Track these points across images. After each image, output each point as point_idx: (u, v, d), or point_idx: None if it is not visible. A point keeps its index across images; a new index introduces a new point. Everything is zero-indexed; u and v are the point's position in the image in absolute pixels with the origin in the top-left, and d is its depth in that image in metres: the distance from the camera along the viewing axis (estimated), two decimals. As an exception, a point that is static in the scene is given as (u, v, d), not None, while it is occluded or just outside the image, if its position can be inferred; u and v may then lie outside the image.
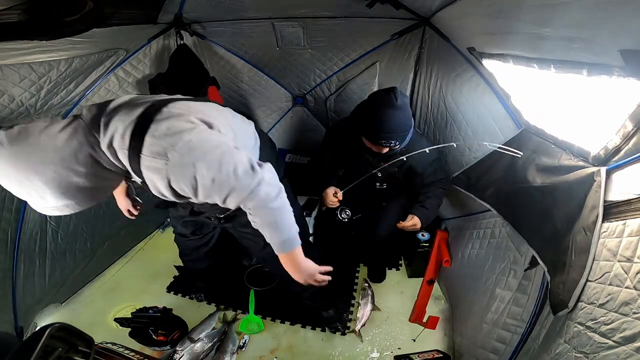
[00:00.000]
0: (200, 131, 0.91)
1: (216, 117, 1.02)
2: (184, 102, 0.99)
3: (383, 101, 1.43)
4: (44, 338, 0.70)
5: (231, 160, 0.91)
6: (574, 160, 1.01)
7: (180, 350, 1.69)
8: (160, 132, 0.86)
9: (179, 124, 0.89)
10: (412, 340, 1.80)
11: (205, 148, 0.89)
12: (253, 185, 0.93)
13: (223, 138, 0.97)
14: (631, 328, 0.67)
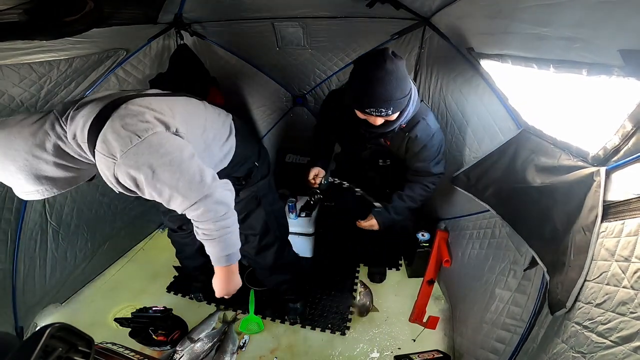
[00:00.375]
0: (154, 133, 0.91)
1: (177, 115, 1.02)
2: (146, 99, 1.00)
3: (370, 63, 1.24)
4: (44, 338, 0.70)
5: (178, 169, 0.92)
6: (573, 160, 1.01)
7: (180, 350, 1.69)
8: (113, 131, 0.88)
9: (133, 124, 0.90)
10: (412, 340, 1.80)
11: (153, 152, 0.89)
12: (197, 198, 0.94)
13: (176, 142, 0.96)
14: (628, 328, 0.67)
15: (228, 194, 1.03)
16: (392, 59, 1.20)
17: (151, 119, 0.93)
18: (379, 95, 1.23)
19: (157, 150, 0.90)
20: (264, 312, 1.98)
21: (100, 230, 2.17)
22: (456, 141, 1.80)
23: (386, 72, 1.20)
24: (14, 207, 1.64)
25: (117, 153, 0.87)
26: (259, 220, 1.52)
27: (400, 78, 1.23)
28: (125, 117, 0.91)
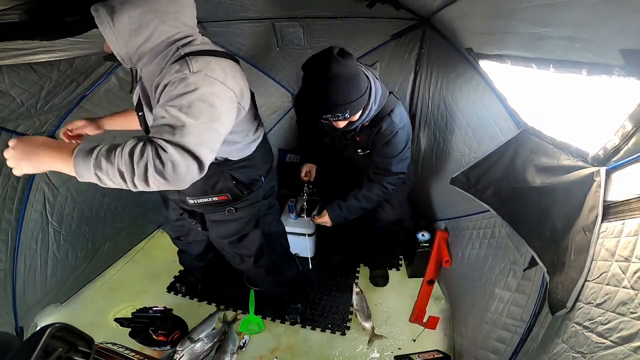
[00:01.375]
0: (225, 87, 0.95)
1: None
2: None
3: (316, 68, 1.15)
4: (44, 338, 0.70)
5: (211, 113, 0.88)
6: (573, 160, 1.01)
7: (181, 350, 1.69)
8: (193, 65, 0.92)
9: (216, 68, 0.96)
10: (412, 340, 1.80)
11: (205, 92, 0.89)
12: (173, 139, 0.81)
13: (233, 112, 0.99)
14: (628, 328, 0.67)
15: (188, 165, 0.83)
16: (338, 60, 1.10)
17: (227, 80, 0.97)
18: (332, 101, 1.16)
19: (207, 91, 0.90)
20: (264, 312, 1.98)
21: (101, 231, 2.17)
22: (456, 141, 1.80)
23: (334, 76, 1.11)
24: (14, 207, 1.64)
25: (196, 68, 0.91)
26: (255, 242, 1.50)
27: (351, 78, 1.14)
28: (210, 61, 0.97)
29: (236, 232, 1.43)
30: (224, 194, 1.28)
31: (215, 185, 1.26)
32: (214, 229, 1.44)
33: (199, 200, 1.30)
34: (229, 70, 1.02)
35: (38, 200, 1.75)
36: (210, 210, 1.38)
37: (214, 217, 1.40)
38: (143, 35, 0.96)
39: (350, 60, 1.14)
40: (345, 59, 1.12)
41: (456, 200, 1.96)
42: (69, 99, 1.74)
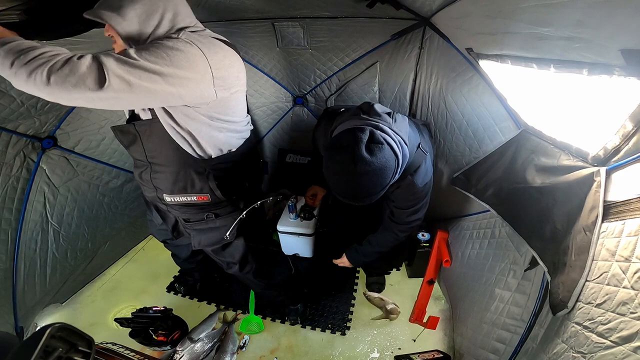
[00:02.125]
0: (195, 47, 0.99)
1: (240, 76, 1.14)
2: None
3: (340, 161, 1.02)
4: (44, 338, 0.70)
5: (169, 57, 0.92)
6: (573, 160, 1.01)
7: (181, 350, 1.69)
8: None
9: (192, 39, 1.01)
10: (412, 341, 1.80)
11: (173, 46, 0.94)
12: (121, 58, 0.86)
13: (200, 65, 0.99)
14: (628, 328, 0.67)
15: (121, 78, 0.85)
16: (365, 159, 0.98)
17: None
18: (354, 196, 1.08)
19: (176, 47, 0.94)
20: (264, 312, 1.98)
21: (101, 231, 2.17)
22: (456, 141, 1.80)
23: (359, 176, 1.00)
24: (14, 207, 1.64)
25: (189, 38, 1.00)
26: (239, 250, 1.51)
27: (378, 174, 1.01)
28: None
29: (218, 241, 1.41)
30: (204, 194, 1.22)
31: (194, 183, 1.20)
32: (196, 238, 1.41)
33: (177, 198, 1.24)
34: (223, 55, 1.04)
35: (38, 200, 1.74)
36: (189, 215, 1.33)
37: (196, 226, 1.36)
38: (152, 23, 1.00)
39: (378, 154, 1.00)
40: (373, 156, 0.99)
41: (456, 200, 1.96)
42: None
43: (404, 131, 1.16)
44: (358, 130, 1.03)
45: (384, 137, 1.04)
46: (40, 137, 1.70)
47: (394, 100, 2.35)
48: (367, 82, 2.31)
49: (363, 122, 1.09)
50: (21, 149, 1.62)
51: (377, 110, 1.17)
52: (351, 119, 1.15)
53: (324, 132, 1.40)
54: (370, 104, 1.23)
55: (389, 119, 1.14)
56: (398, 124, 1.16)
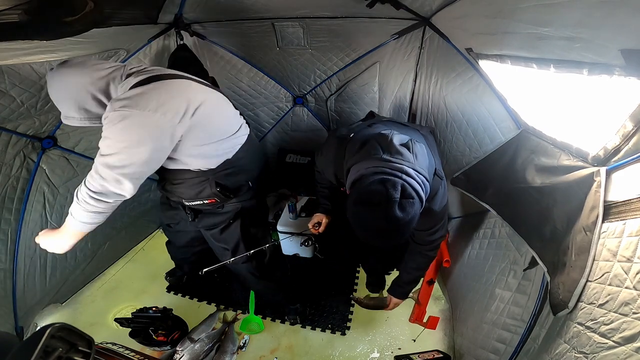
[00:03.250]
0: (147, 113, 1.06)
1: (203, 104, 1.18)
2: (185, 81, 1.25)
3: (371, 218, 1.01)
4: (44, 338, 0.70)
5: (130, 144, 1.06)
6: (573, 160, 1.01)
7: (181, 350, 1.69)
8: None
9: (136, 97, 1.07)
10: (412, 340, 1.80)
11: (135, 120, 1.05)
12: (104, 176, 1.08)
13: (156, 131, 1.08)
14: (631, 328, 0.67)
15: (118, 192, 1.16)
16: (397, 219, 0.96)
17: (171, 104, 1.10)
18: (382, 244, 1.10)
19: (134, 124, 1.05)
20: (264, 312, 1.98)
21: (101, 231, 2.15)
22: (456, 141, 1.80)
23: (390, 230, 1.00)
24: (14, 207, 1.64)
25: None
26: (234, 236, 1.56)
27: (408, 225, 1.01)
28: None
29: (219, 223, 1.54)
30: (211, 198, 1.39)
31: (201, 192, 1.37)
32: (201, 220, 1.56)
33: (192, 203, 1.44)
34: (156, 98, 1.12)
35: (38, 200, 1.74)
36: (205, 210, 1.53)
37: (204, 209, 1.53)
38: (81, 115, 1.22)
39: (410, 210, 0.99)
40: (405, 213, 0.98)
41: (456, 200, 1.96)
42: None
43: (425, 165, 1.13)
44: (389, 184, 0.98)
45: (414, 187, 1.01)
46: (40, 137, 1.70)
47: (394, 100, 2.35)
48: (367, 82, 2.31)
49: (387, 167, 1.03)
50: (21, 149, 1.62)
51: (398, 148, 1.09)
52: (371, 159, 1.08)
53: (334, 160, 1.37)
54: (387, 137, 1.14)
55: (411, 157, 1.08)
56: (420, 160, 1.11)
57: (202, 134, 1.20)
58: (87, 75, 1.13)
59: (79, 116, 1.17)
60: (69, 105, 1.15)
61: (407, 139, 1.16)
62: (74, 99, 1.14)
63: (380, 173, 1.02)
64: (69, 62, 1.15)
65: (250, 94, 2.64)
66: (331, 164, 1.40)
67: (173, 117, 1.09)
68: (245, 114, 2.75)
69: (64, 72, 1.14)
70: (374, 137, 1.17)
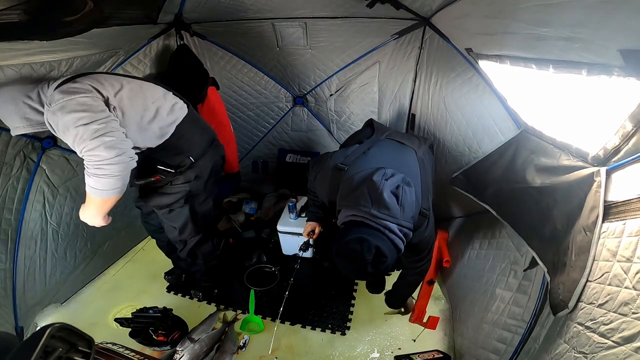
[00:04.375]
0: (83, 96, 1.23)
1: (122, 90, 1.35)
2: (102, 75, 1.39)
3: (349, 268, 1.18)
4: (44, 338, 0.70)
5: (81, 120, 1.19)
6: (573, 160, 1.01)
7: (181, 350, 1.69)
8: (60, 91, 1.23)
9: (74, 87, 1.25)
10: (412, 341, 1.80)
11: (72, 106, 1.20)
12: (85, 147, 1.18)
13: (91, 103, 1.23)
14: (630, 328, 0.67)
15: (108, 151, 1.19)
16: (370, 273, 1.13)
17: (88, 87, 1.26)
18: (362, 279, 1.32)
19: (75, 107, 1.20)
20: (264, 312, 1.98)
21: (100, 231, 2.15)
22: (456, 141, 1.80)
23: (366, 275, 1.22)
24: (14, 207, 1.64)
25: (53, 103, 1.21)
26: (182, 217, 1.70)
27: (382, 272, 1.25)
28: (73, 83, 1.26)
29: (167, 205, 1.65)
30: (156, 175, 1.53)
31: (144, 170, 1.48)
32: (151, 200, 1.65)
33: (141, 181, 1.56)
34: (74, 94, 1.26)
35: (38, 200, 1.74)
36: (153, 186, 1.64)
37: (154, 192, 1.65)
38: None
39: (381, 266, 1.13)
40: (376, 269, 1.13)
41: (456, 200, 1.97)
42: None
43: (410, 216, 1.21)
44: (365, 247, 1.10)
45: (392, 240, 1.14)
46: (40, 137, 1.70)
47: (393, 100, 2.35)
48: (367, 82, 2.32)
49: (374, 222, 1.14)
50: (21, 149, 1.62)
51: (386, 202, 1.15)
52: (359, 208, 1.17)
53: (329, 189, 1.43)
54: (378, 189, 1.18)
55: (397, 212, 1.15)
56: (406, 212, 1.19)
57: (128, 114, 1.35)
58: (18, 90, 1.32)
59: (23, 124, 1.34)
60: (12, 118, 1.32)
61: (396, 185, 1.21)
62: (15, 111, 1.31)
63: (365, 226, 1.14)
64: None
65: (250, 94, 2.64)
66: (326, 191, 1.47)
67: (100, 92, 1.28)
68: (245, 114, 2.77)
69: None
70: (367, 183, 1.23)
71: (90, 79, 1.32)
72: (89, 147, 1.17)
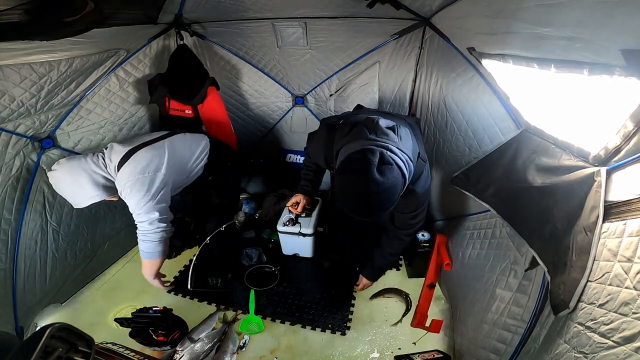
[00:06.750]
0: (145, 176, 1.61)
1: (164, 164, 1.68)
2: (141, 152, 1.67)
3: (353, 184, 1.08)
4: (44, 338, 0.70)
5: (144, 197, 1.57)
6: (574, 160, 1.01)
7: (181, 350, 1.69)
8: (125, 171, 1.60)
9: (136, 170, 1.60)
10: (412, 341, 1.80)
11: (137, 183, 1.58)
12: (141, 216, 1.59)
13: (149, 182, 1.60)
14: (630, 328, 0.67)
15: (155, 225, 1.61)
16: (376, 181, 1.02)
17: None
18: (366, 213, 1.12)
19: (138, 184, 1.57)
20: (264, 312, 1.98)
21: (100, 231, 2.17)
22: (456, 141, 1.80)
23: (371, 196, 1.04)
24: (14, 207, 1.64)
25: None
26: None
27: (388, 192, 1.06)
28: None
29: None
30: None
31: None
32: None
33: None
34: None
35: (38, 200, 1.74)
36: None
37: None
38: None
39: (389, 175, 1.04)
40: (384, 177, 1.03)
41: (456, 200, 1.96)
42: (69, 99, 1.74)
43: (409, 147, 1.19)
44: (369, 152, 1.06)
45: (393, 158, 1.07)
46: (40, 137, 1.70)
47: (394, 100, 2.35)
48: (367, 82, 2.32)
49: (372, 143, 1.10)
50: (21, 149, 1.62)
51: (383, 129, 1.16)
52: (359, 140, 1.15)
53: (324, 145, 1.43)
54: (374, 120, 1.20)
55: (395, 138, 1.15)
56: (404, 141, 1.18)
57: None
58: (86, 163, 1.59)
59: (97, 192, 1.59)
60: (84, 186, 1.56)
61: (393, 124, 1.22)
62: (86, 175, 1.56)
63: (364, 148, 1.09)
64: (67, 159, 1.63)
65: (250, 94, 2.64)
66: (322, 149, 1.46)
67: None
68: (245, 114, 2.77)
69: (71, 164, 1.59)
70: (362, 121, 1.24)
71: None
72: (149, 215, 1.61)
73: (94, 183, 1.56)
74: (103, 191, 1.60)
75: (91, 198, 1.58)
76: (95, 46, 1.61)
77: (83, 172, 1.54)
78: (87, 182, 1.54)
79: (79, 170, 1.55)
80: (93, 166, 1.57)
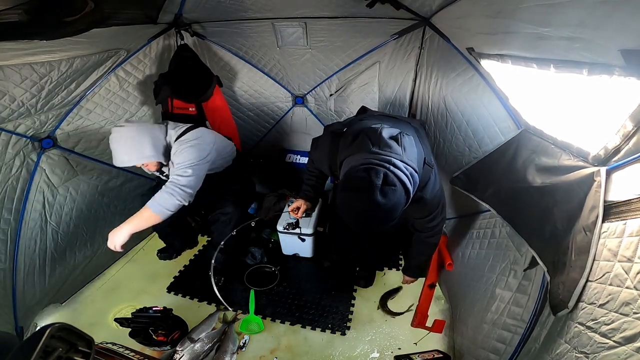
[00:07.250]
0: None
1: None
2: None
3: (355, 203, 1.06)
4: (44, 338, 0.70)
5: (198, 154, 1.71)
6: (573, 160, 1.01)
7: (181, 350, 1.69)
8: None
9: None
10: (412, 340, 1.80)
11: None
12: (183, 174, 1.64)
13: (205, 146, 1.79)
14: (631, 328, 0.67)
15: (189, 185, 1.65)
16: (378, 204, 1.01)
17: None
18: (366, 229, 1.13)
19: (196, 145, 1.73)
20: (264, 312, 1.98)
21: (100, 231, 2.17)
22: (456, 141, 1.80)
23: (372, 215, 1.04)
24: (14, 207, 1.64)
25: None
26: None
27: (390, 212, 1.04)
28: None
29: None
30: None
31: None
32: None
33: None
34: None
35: (37, 200, 1.74)
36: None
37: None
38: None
39: (392, 196, 1.02)
40: (386, 199, 1.01)
41: (456, 200, 1.96)
42: (69, 99, 1.74)
43: (413, 157, 1.16)
44: (372, 172, 1.03)
45: (398, 175, 1.05)
46: (40, 137, 1.70)
47: (394, 100, 2.35)
48: (367, 82, 2.32)
49: (375, 158, 1.08)
50: (21, 149, 1.62)
51: (387, 141, 1.13)
52: (362, 153, 1.13)
53: (329, 154, 1.42)
54: (377, 131, 1.17)
55: (398, 149, 1.12)
56: (408, 152, 1.15)
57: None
58: (152, 128, 1.72)
59: (153, 153, 1.67)
60: (145, 145, 1.64)
61: (397, 132, 1.20)
62: (150, 137, 1.67)
63: (368, 164, 1.06)
64: (134, 122, 1.75)
65: (250, 94, 2.64)
66: (326, 157, 1.45)
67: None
68: (245, 114, 2.77)
69: (140, 124, 1.72)
70: (365, 131, 1.21)
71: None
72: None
73: (154, 146, 1.67)
74: (157, 156, 1.70)
75: (144, 158, 1.67)
76: (95, 46, 1.61)
77: (149, 134, 1.67)
78: (148, 143, 1.65)
79: (146, 131, 1.67)
80: (158, 132, 1.72)
